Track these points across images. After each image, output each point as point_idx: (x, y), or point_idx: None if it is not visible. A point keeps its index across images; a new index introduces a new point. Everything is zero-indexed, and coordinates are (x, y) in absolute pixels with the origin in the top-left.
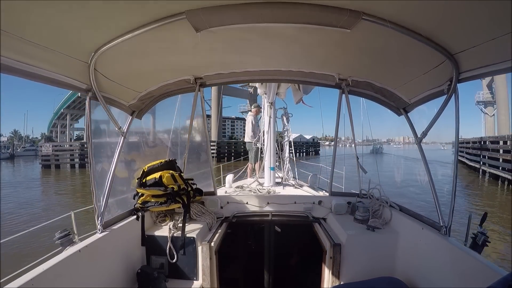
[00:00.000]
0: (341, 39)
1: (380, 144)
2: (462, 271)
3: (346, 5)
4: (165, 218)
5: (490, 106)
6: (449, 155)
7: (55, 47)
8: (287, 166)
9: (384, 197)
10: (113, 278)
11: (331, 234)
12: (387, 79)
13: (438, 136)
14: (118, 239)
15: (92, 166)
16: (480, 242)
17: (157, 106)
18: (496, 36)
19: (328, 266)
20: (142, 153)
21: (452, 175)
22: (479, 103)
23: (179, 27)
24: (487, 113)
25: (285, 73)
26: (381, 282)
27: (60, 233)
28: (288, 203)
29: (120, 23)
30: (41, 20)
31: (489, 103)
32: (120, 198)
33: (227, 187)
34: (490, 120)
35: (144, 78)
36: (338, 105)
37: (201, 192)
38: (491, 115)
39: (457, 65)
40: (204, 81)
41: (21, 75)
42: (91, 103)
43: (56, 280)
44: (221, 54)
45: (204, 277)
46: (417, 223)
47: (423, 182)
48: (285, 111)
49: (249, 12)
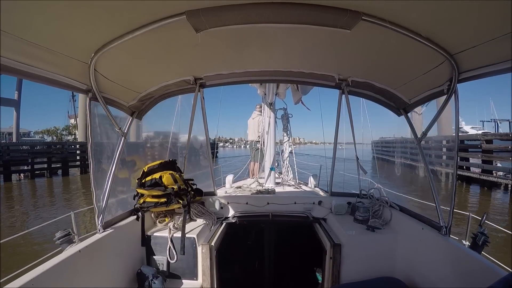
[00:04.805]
0: (341, 40)
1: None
2: (462, 271)
3: (346, 5)
4: (165, 218)
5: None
6: (346, 152)
7: (55, 48)
8: (286, 166)
9: (384, 197)
10: (113, 278)
11: (331, 234)
12: (387, 79)
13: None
14: (118, 239)
15: (92, 166)
16: (480, 242)
17: (158, 107)
18: (496, 36)
19: (328, 266)
20: (142, 153)
21: (453, 175)
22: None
23: (179, 27)
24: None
25: (285, 73)
26: (381, 282)
27: (60, 233)
28: (288, 203)
29: (120, 24)
30: (41, 20)
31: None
32: (120, 198)
33: (227, 187)
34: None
35: (144, 78)
36: (338, 105)
37: (201, 193)
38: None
39: (457, 65)
40: (204, 81)
41: (21, 75)
42: (91, 104)
43: (56, 280)
44: (221, 54)
45: (204, 277)
46: (417, 223)
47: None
48: (285, 112)
49: (249, 12)
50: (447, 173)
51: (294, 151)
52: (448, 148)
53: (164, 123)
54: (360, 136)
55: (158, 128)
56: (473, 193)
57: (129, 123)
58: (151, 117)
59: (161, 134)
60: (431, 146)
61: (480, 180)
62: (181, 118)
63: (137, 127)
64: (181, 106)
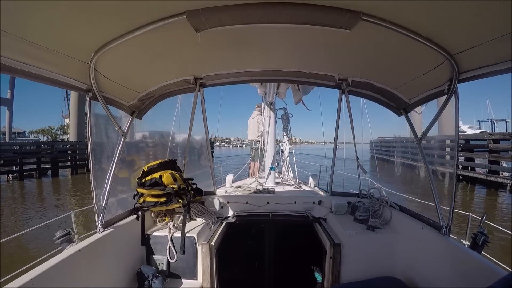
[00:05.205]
0: (341, 40)
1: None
2: (462, 271)
3: (346, 6)
4: (165, 218)
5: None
6: (343, 152)
7: (55, 47)
8: (286, 165)
9: (384, 197)
10: (113, 278)
11: (331, 234)
12: (387, 79)
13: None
14: (118, 239)
15: (92, 166)
16: (480, 242)
17: (158, 107)
18: (496, 36)
19: (328, 266)
20: (142, 153)
21: (452, 175)
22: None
23: (179, 27)
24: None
25: (285, 73)
26: (381, 282)
27: (60, 233)
28: (288, 203)
29: (120, 24)
30: (41, 20)
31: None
32: (120, 198)
33: (227, 187)
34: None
35: (144, 78)
36: (338, 105)
37: (201, 192)
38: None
39: (457, 66)
40: (204, 81)
41: (21, 75)
42: (91, 103)
43: (56, 280)
44: (221, 54)
45: (204, 277)
46: (417, 223)
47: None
48: (285, 111)
49: (249, 12)
50: (451, 173)
51: (291, 150)
52: (452, 148)
53: (164, 123)
54: (360, 136)
55: (157, 128)
56: (479, 195)
57: (129, 122)
58: (150, 116)
59: (156, 134)
60: (434, 146)
61: (487, 181)
62: (181, 118)
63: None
64: (181, 106)
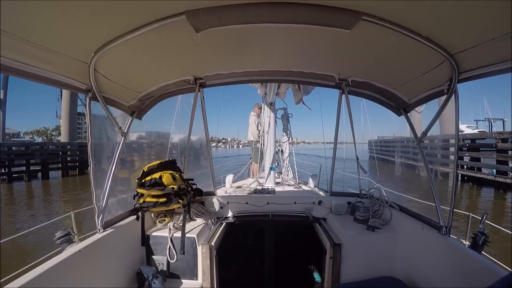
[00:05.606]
0: (341, 39)
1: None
2: (462, 271)
3: (346, 5)
4: (165, 218)
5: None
6: (341, 152)
7: (55, 48)
8: (286, 166)
9: (384, 197)
10: (113, 278)
11: (331, 234)
12: (387, 79)
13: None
14: (118, 239)
15: (92, 166)
16: (480, 242)
17: (158, 107)
18: (496, 36)
19: (328, 266)
20: (142, 153)
21: (452, 175)
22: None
23: (179, 27)
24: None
25: (285, 73)
26: (381, 282)
27: (60, 233)
28: (288, 203)
29: (120, 24)
30: (41, 20)
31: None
32: (120, 198)
33: (227, 187)
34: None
35: (144, 78)
36: (338, 105)
37: (201, 192)
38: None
39: (457, 65)
40: (204, 81)
41: (21, 75)
42: (91, 104)
43: (56, 280)
44: (221, 54)
45: (204, 277)
46: (417, 223)
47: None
48: (285, 112)
49: (249, 12)
50: (452, 173)
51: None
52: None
53: (164, 123)
54: (360, 136)
55: (157, 128)
56: (486, 197)
57: (129, 123)
58: (150, 116)
59: (153, 134)
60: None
61: (496, 183)
62: (180, 118)
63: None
64: (181, 106)
